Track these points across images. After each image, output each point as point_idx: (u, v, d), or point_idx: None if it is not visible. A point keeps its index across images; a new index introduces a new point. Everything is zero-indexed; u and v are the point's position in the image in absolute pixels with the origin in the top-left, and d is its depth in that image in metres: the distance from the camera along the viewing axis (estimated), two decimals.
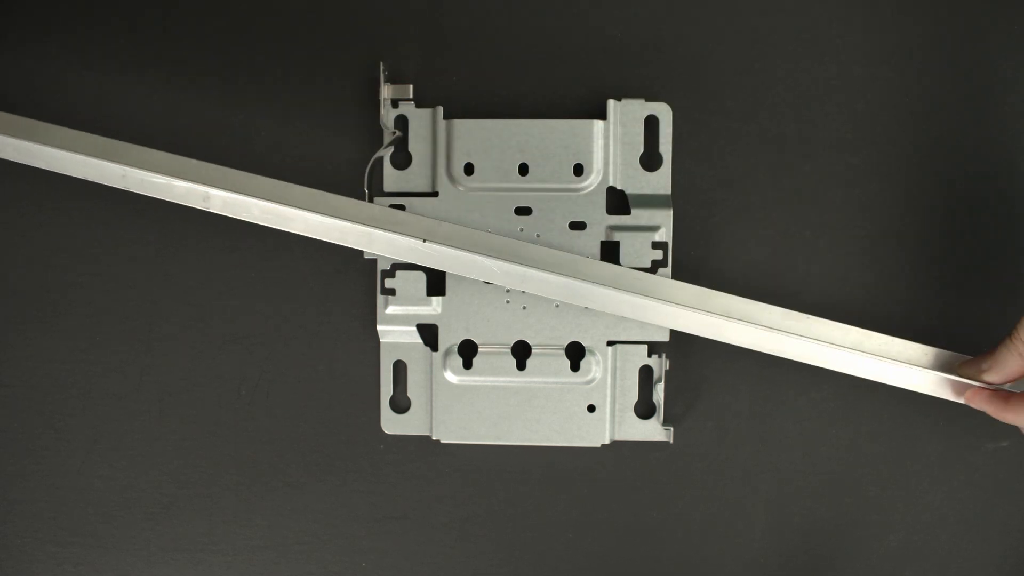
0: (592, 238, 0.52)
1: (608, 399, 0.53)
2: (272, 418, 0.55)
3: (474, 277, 0.50)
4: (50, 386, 0.56)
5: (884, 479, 0.54)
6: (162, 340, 0.55)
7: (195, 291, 0.55)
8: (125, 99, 0.54)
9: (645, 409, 0.53)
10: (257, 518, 0.56)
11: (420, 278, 0.51)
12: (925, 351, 0.48)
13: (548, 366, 0.53)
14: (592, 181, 0.52)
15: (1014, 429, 0.53)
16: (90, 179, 0.48)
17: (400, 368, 0.54)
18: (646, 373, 0.53)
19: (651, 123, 0.52)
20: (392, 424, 0.54)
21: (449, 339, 0.53)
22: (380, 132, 0.53)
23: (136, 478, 0.56)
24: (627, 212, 0.52)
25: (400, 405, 0.54)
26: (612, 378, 0.53)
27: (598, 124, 0.52)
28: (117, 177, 0.48)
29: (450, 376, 0.53)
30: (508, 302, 0.53)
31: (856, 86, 0.52)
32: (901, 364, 0.48)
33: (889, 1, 0.52)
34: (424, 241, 0.48)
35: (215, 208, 0.48)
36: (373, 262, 0.53)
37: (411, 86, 0.52)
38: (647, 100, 0.52)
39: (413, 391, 0.54)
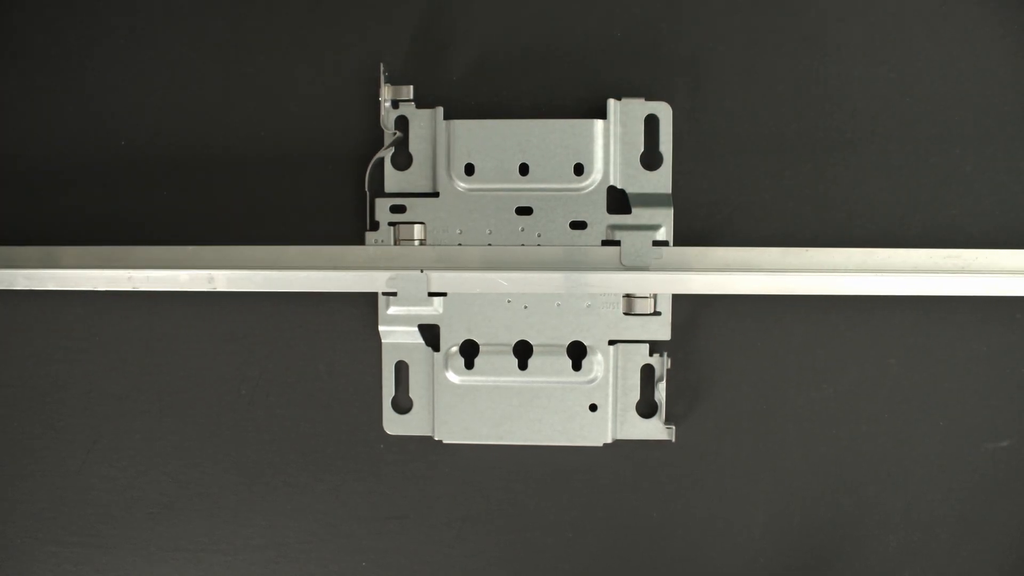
0: (593, 237, 0.52)
1: (610, 398, 0.53)
2: (272, 418, 0.55)
3: (479, 291, 0.51)
4: (50, 386, 0.56)
5: (884, 479, 0.54)
6: (162, 340, 0.55)
7: (195, 291, 0.55)
8: (124, 102, 0.54)
9: (647, 408, 0.53)
10: (257, 518, 0.56)
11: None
12: (931, 254, 0.49)
13: (550, 366, 0.53)
14: (592, 180, 0.52)
15: (1014, 429, 0.53)
16: (100, 288, 0.52)
17: (402, 368, 0.54)
18: (648, 372, 0.53)
19: (651, 122, 0.52)
20: (394, 424, 0.54)
21: (451, 339, 0.53)
22: (381, 133, 0.53)
23: (136, 478, 0.56)
24: (628, 211, 0.52)
25: (402, 405, 0.54)
26: (614, 377, 0.53)
27: (598, 124, 0.51)
28: (124, 280, 0.51)
29: (452, 376, 0.53)
30: (509, 302, 0.53)
31: (856, 86, 0.52)
32: (909, 273, 0.49)
33: (889, 1, 0.52)
34: (421, 271, 0.50)
35: (221, 287, 0.51)
36: None
37: (411, 87, 0.52)
38: (647, 100, 0.52)
39: (415, 391, 0.54)
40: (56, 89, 0.54)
